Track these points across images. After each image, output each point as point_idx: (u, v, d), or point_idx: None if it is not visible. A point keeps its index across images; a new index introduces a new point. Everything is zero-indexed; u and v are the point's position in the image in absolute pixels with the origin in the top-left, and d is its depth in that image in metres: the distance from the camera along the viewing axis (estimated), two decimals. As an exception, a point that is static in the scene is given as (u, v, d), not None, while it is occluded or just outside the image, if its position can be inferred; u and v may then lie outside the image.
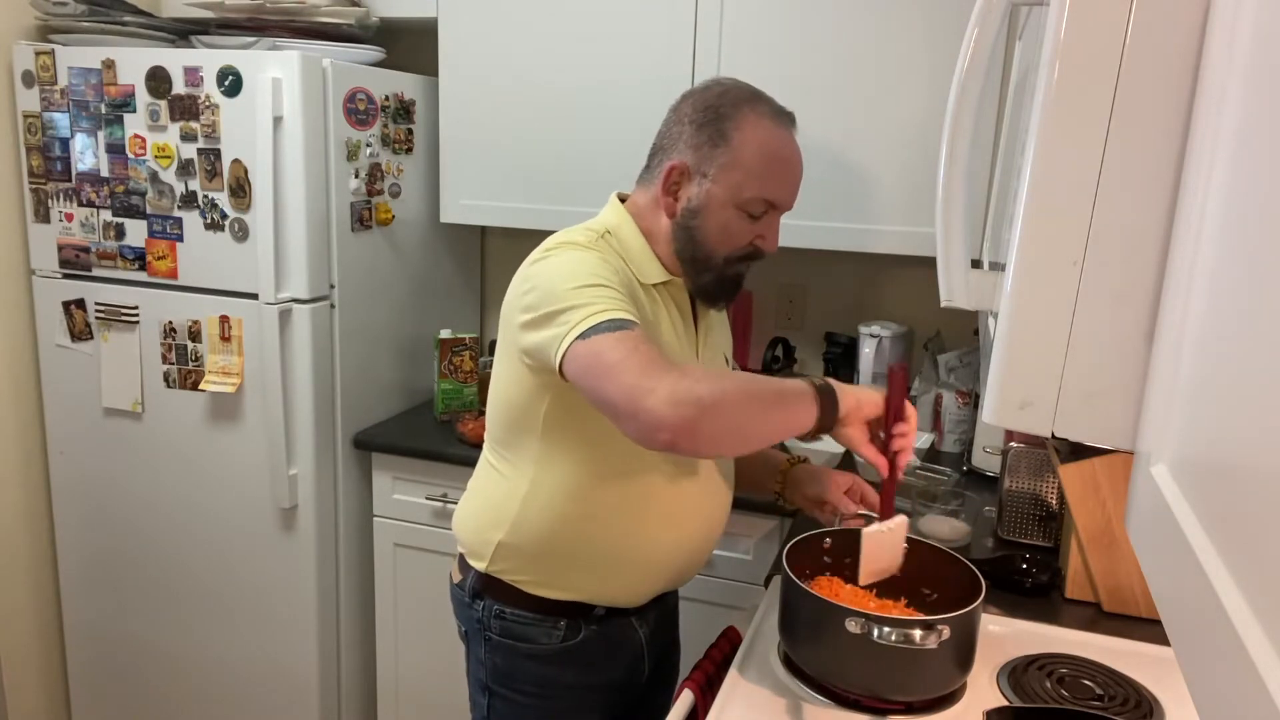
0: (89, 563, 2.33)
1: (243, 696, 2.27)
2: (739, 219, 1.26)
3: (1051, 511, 1.62)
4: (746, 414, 1.09)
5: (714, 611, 1.88)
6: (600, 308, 1.12)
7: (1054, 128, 0.60)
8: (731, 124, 1.24)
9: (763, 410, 1.11)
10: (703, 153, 1.25)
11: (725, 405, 1.07)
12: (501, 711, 1.40)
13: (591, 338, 1.10)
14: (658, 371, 1.06)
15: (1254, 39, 0.44)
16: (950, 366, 2.14)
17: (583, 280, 1.16)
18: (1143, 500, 0.53)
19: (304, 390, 2.04)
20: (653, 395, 1.05)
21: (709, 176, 1.25)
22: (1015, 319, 0.63)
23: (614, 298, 1.15)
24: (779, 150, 1.26)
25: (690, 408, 1.04)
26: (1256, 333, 0.39)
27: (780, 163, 1.26)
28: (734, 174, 1.24)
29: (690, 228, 1.27)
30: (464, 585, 1.40)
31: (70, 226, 2.15)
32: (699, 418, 1.05)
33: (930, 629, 1.08)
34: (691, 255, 1.28)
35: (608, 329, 1.10)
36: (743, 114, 1.25)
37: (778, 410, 1.13)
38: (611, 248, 1.27)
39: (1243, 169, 0.44)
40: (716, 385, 1.07)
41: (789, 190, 1.28)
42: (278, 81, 1.90)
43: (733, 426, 1.09)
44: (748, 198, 1.24)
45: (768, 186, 1.25)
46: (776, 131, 1.26)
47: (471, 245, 2.58)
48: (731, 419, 1.08)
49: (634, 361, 1.07)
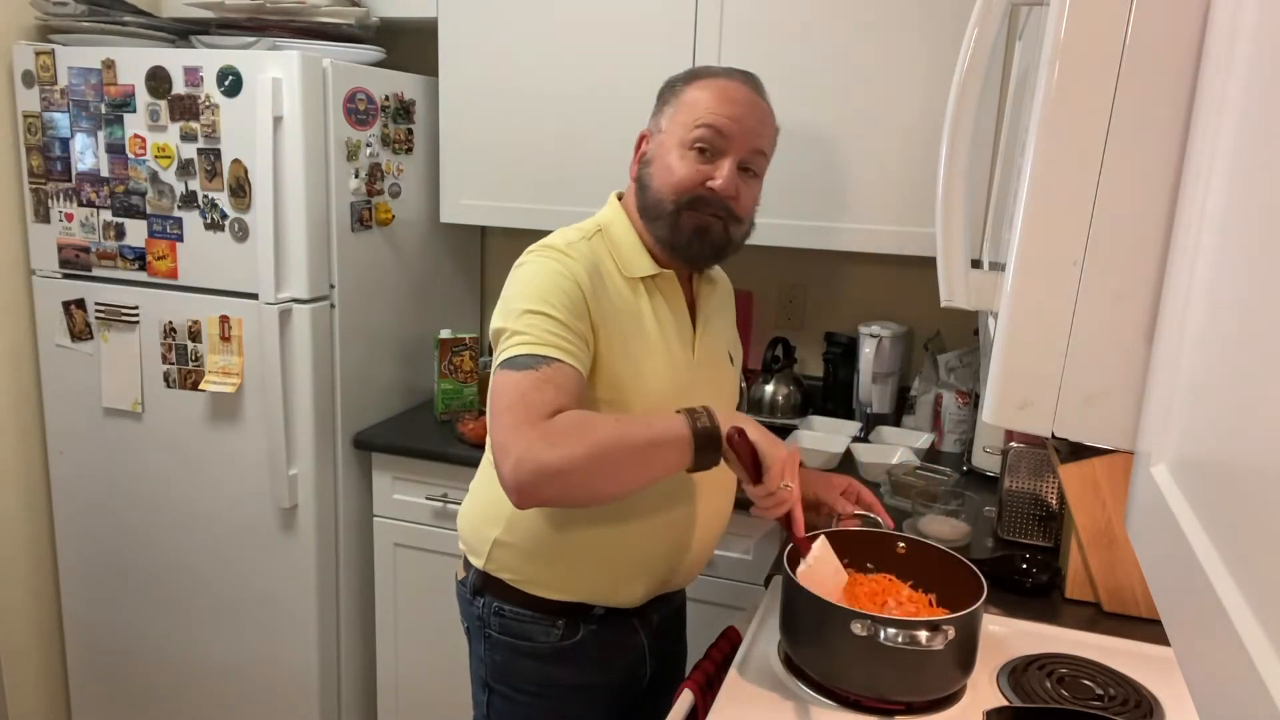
0: (89, 562, 2.33)
1: (243, 696, 2.27)
2: (685, 156, 1.28)
3: (1051, 511, 1.62)
4: (601, 475, 1.13)
5: (714, 611, 1.88)
6: (524, 339, 1.17)
7: (1054, 128, 0.60)
8: (682, 83, 1.33)
9: (622, 467, 1.14)
10: (660, 114, 1.34)
11: (571, 471, 1.11)
12: (500, 709, 1.41)
13: (501, 371, 1.17)
14: (524, 430, 1.11)
15: (1254, 39, 0.44)
16: (950, 366, 2.14)
17: (528, 303, 1.20)
18: (1143, 500, 0.53)
19: (304, 390, 2.04)
20: (506, 458, 1.11)
21: (662, 130, 1.32)
22: (1015, 319, 0.63)
23: (545, 327, 1.18)
24: (724, 89, 1.29)
25: (532, 475, 1.10)
26: (1256, 332, 0.39)
27: (724, 98, 1.28)
28: (680, 116, 1.30)
29: (642, 178, 1.32)
30: (466, 582, 1.40)
31: (70, 226, 2.15)
32: (540, 485, 1.11)
33: (936, 630, 1.08)
34: (644, 205, 1.31)
35: (519, 365, 1.15)
36: (695, 76, 1.33)
37: (640, 466, 1.15)
38: (599, 246, 1.30)
39: (1243, 169, 0.44)
40: (569, 450, 1.10)
41: (734, 120, 1.27)
42: (278, 81, 1.90)
43: (581, 490, 1.15)
44: (693, 133, 1.27)
45: (711, 115, 1.27)
46: (725, 79, 1.31)
47: (471, 245, 2.58)
48: (579, 484, 1.13)
49: (510, 415, 1.12)
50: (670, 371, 1.30)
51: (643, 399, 1.28)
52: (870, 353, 2.13)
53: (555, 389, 1.14)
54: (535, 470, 1.10)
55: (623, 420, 1.17)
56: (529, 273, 1.25)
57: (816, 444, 2.05)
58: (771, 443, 1.18)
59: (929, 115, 1.88)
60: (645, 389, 1.28)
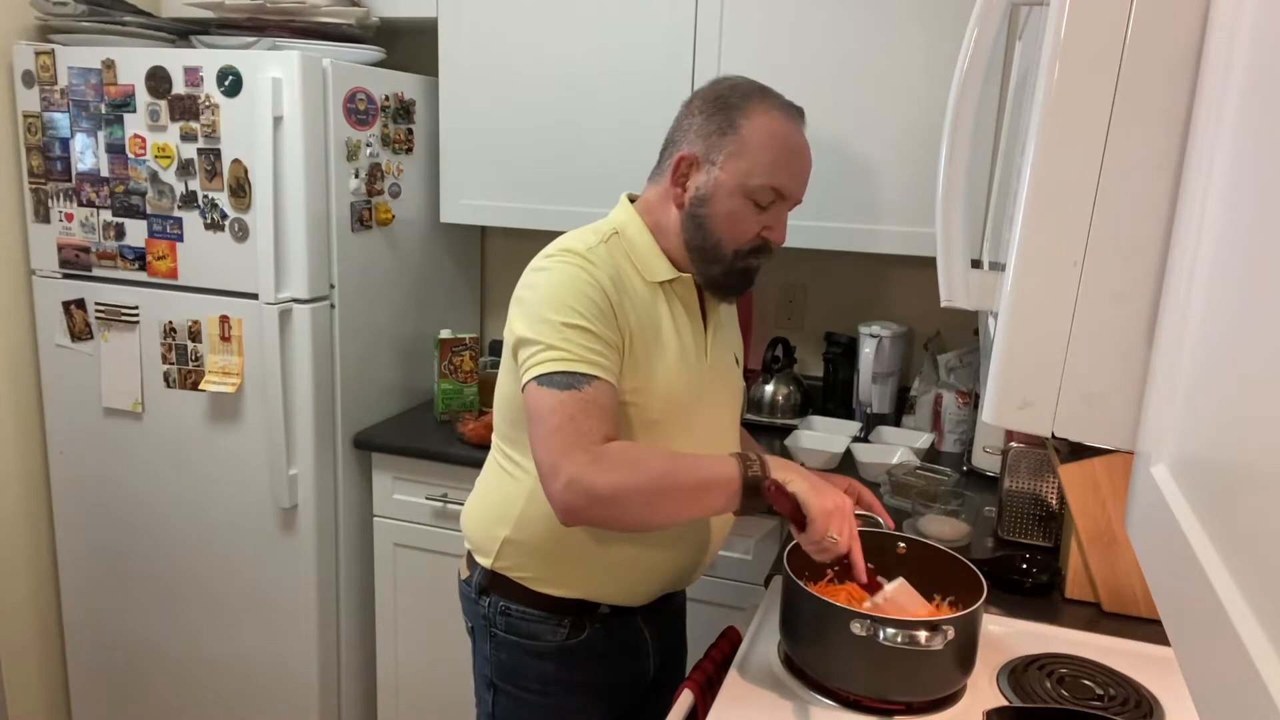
0: (89, 562, 2.33)
1: (243, 696, 2.27)
2: (746, 208, 1.26)
3: (1051, 511, 1.62)
4: (647, 508, 1.16)
5: (714, 611, 1.88)
6: (561, 354, 1.17)
7: (1054, 128, 0.60)
8: (740, 113, 1.26)
9: (670, 503, 1.17)
10: (711, 141, 1.27)
11: (621, 500, 1.13)
12: (506, 708, 1.41)
13: (544, 388, 1.16)
14: (574, 453, 1.13)
15: (1254, 39, 0.44)
16: (950, 366, 2.14)
17: (560, 314, 1.19)
18: (1143, 500, 0.53)
19: (304, 390, 2.04)
20: (557, 478, 1.13)
21: (717, 164, 1.26)
22: (1015, 319, 0.63)
23: (581, 343, 1.17)
24: (787, 139, 1.27)
25: (582, 498, 1.12)
26: (1256, 333, 0.39)
27: (788, 152, 1.27)
28: (742, 161, 1.25)
29: (698, 216, 1.28)
30: (471, 581, 1.40)
31: (70, 226, 2.15)
32: (588, 509, 1.13)
33: (935, 630, 1.08)
34: (700, 245, 1.29)
35: (559, 384, 1.16)
36: (752, 104, 1.26)
37: (687, 503, 1.18)
38: (616, 250, 1.28)
39: (1243, 169, 0.44)
40: (621, 478, 1.12)
41: (797, 180, 1.29)
42: (278, 81, 1.90)
43: (628, 517, 1.17)
44: (755, 185, 1.25)
45: (776, 175, 1.26)
46: (785, 122, 1.27)
47: (471, 245, 2.58)
48: (626, 512, 1.16)
49: (559, 437, 1.14)
50: (685, 375, 1.31)
51: (660, 401, 1.28)
52: (870, 353, 2.13)
53: (599, 412, 1.16)
54: (587, 495, 1.12)
55: (675, 458, 1.18)
56: (554, 280, 1.22)
57: (816, 444, 2.05)
58: (820, 494, 1.16)
59: (929, 115, 1.88)
60: (663, 393, 1.28)
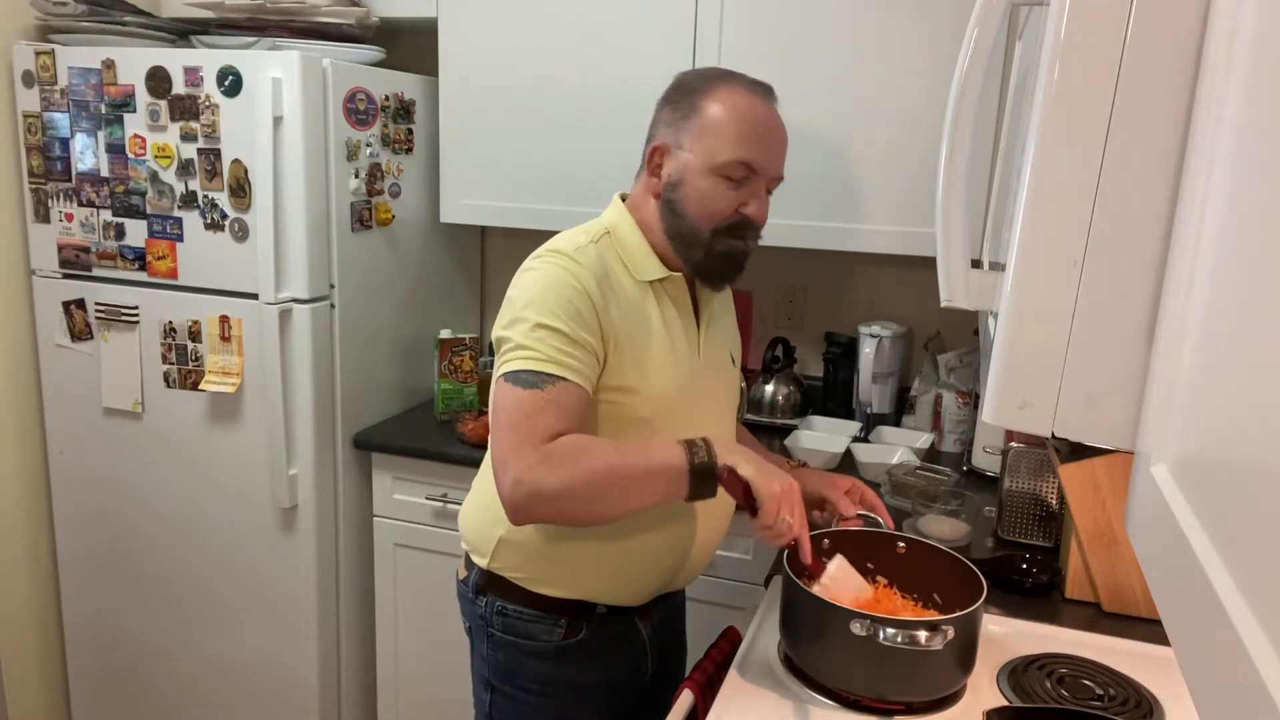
0: (89, 562, 2.33)
1: (243, 696, 2.27)
2: (717, 186, 1.26)
3: (1051, 511, 1.62)
4: (596, 501, 1.17)
5: (714, 611, 1.88)
6: (529, 354, 1.18)
7: (1054, 128, 0.60)
8: (701, 95, 1.27)
9: (618, 494, 1.17)
10: (679, 127, 1.28)
11: (568, 496, 1.15)
12: (503, 708, 1.41)
13: (508, 385, 1.18)
14: (525, 450, 1.14)
15: (1254, 39, 0.44)
16: (950, 366, 2.14)
17: (536, 314, 1.19)
18: (1143, 500, 0.53)
19: (304, 390, 2.04)
20: (506, 474, 1.15)
21: (685, 148, 1.27)
22: (1015, 319, 0.63)
23: (552, 344, 1.18)
24: (751, 113, 1.26)
25: (528, 497, 1.14)
26: (1256, 333, 0.39)
27: (753, 125, 1.26)
28: (707, 139, 1.26)
29: (672, 201, 1.29)
30: (468, 581, 1.40)
31: (70, 226, 2.15)
32: (535, 507, 1.15)
33: (935, 630, 1.08)
34: (678, 231, 1.29)
35: (523, 382, 1.17)
36: (713, 85, 1.28)
37: (634, 495, 1.18)
38: (607, 250, 1.29)
39: (1243, 169, 0.44)
40: (567, 475, 1.13)
41: (766, 152, 1.27)
42: (278, 81, 1.90)
43: (577, 512, 1.19)
44: (723, 161, 1.25)
45: (742, 148, 1.25)
46: (749, 97, 1.27)
47: (471, 245, 2.58)
48: (575, 507, 1.17)
49: (513, 434, 1.15)
50: (676, 373, 1.30)
51: (650, 401, 1.28)
52: (870, 353, 2.13)
53: (558, 411, 1.16)
54: (532, 492, 1.13)
55: (622, 448, 1.17)
56: (538, 280, 1.23)
57: (816, 444, 2.05)
58: (767, 477, 1.16)
59: (929, 115, 1.88)
60: (652, 391, 1.28)
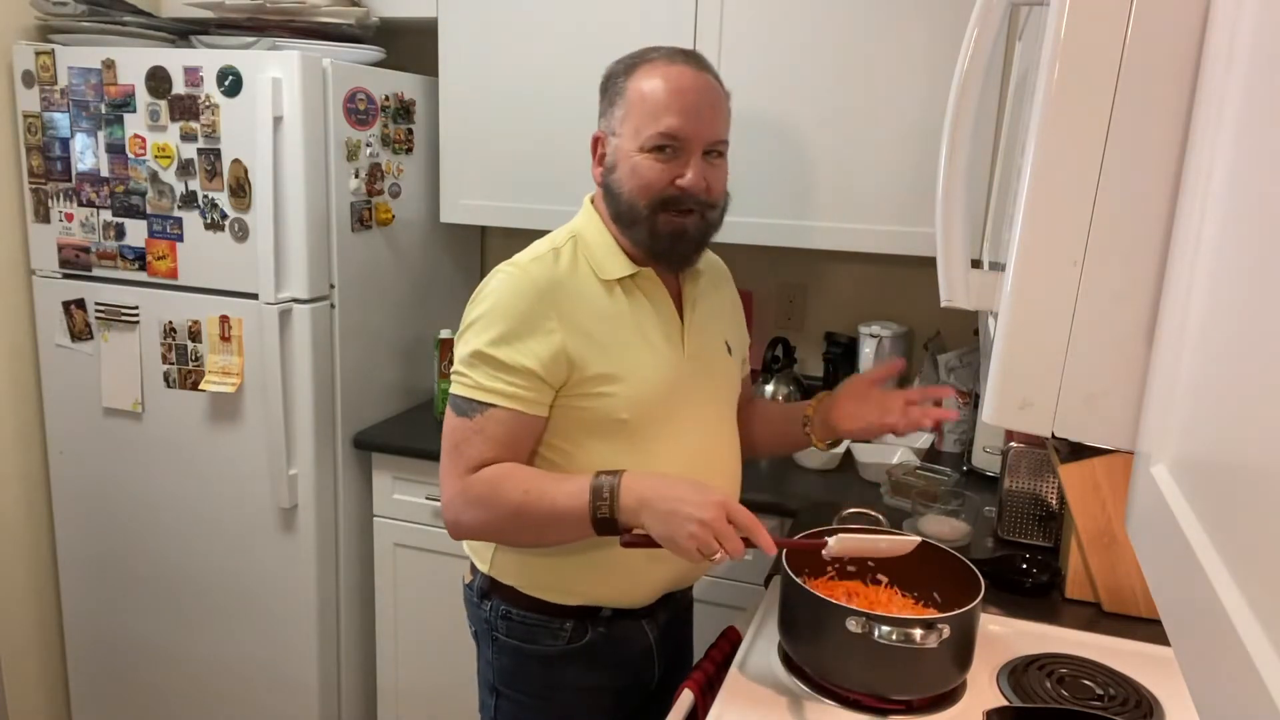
0: (89, 562, 2.33)
1: (243, 696, 2.27)
2: (646, 161, 1.26)
3: (1051, 511, 1.62)
4: (510, 536, 1.30)
5: (714, 611, 1.88)
6: (466, 381, 1.26)
7: (1054, 128, 0.60)
8: (622, 78, 1.29)
9: (528, 534, 1.27)
10: (608, 115, 1.31)
11: (482, 531, 1.29)
12: (508, 712, 1.40)
13: (448, 407, 1.29)
14: (452, 480, 1.26)
15: (1254, 39, 0.44)
16: (950, 366, 2.14)
17: (476, 339, 1.26)
18: (1143, 500, 0.53)
19: (304, 390, 2.04)
20: (441, 496, 1.29)
21: (615, 133, 1.29)
22: (1015, 319, 0.63)
23: (488, 371, 1.24)
24: (668, 82, 1.25)
25: (452, 526, 1.28)
26: (1256, 333, 0.39)
27: (670, 93, 1.25)
28: (632, 119, 1.27)
29: (609, 184, 1.30)
30: (473, 586, 1.40)
31: (70, 226, 2.15)
32: (459, 534, 1.30)
33: (930, 628, 1.08)
34: (619, 212, 1.30)
35: (458, 408, 1.27)
36: (633, 67, 1.29)
37: (544, 533, 1.26)
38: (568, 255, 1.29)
39: (1243, 168, 0.44)
40: (479, 515, 1.25)
41: (690, 118, 1.24)
42: (278, 81, 1.90)
43: (500, 541, 1.33)
44: (646, 137, 1.25)
45: (660, 120, 1.24)
46: (667, 67, 1.27)
47: (471, 245, 2.58)
48: (495, 538, 1.33)
49: (448, 459, 1.27)
50: (656, 371, 1.29)
51: (626, 402, 1.27)
52: (870, 353, 2.13)
53: (483, 440, 1.24)
54: (453, 523, 1.27)
55: (533, 489, 1.21)
56: (486, 298, 1.28)
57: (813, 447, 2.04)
58: (674, 523, 1.11)
59: (929, 115, 1.87)
60: (632, 391, 1.27)
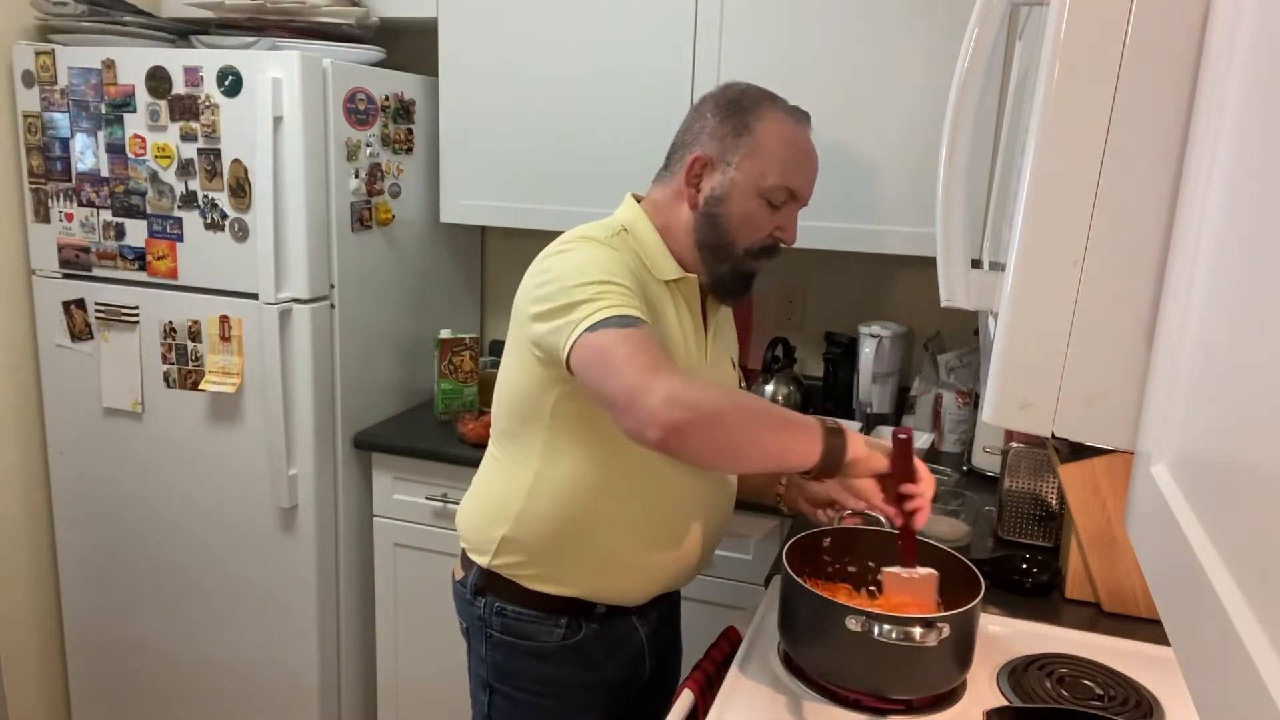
0: (89, 563, 2.33)
1: (243, 696, 2.27)
2: (760, 207, 1.30)
3: (1051, 511, 1.62)
4: (744, 431, 1.10)
5: (714, 611, 1.88)
6: (610, 303, 1.14)
7: (1054, 128, 0.60)
8: (754, 116, 1.30)
9: (763, 431, 1.12)
10: (726, 143, 1.30)
11: (722, 418, 1.08)
12: (502, 709, 1.41)
13: (599, 331, 1.12)
14: (660, 372, 1.08)
15: (1254, 39, 0.44)
16: (950, 366, 2.14)
17: (596, 276, 1.17)
18: (1143, 500, 0.53)
19: (304, 390, 2.04)
20: (650, 394, 1.06)
21: (733, 165, 1.29)
22: (1015, 319, 0.63)
23: (625, 294, 1.17)
24: (797, 141, 1.31)
25: (685, 411, 1.05)
26: (1256, 333, 0.39)
27: (799, 153, 1.31)
28: (757, 162, 1.28)
29: (714, 215, 1.30)
30: (466, 582, 1.40)
31: (70, 226, 2.15)
32: (691, 423, 1.06)
33: (930, 627, 1.08)
34: (714, 243, 1.31)
35: (616, 324, 1.12)
36: (764, 108, 1.31)
37: (778, 436, 1.13)
38: (627, 244, 1.30)
39: (1243, 169, 0.44)
40: (719, 397, 1.10)
41: (807, 181, 1.33)
42: (278, 81, 1.90)
43: (726, 439, 1.10)
44: (770, 185, 1.28)
45: (789, 175, 1.29)
46: (795, 126, 1.32)
47: (471, 245, 2.58)
48: (726, 432, 1.09)
49: (637, 360, 1.09)
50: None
51: None
52: (870, 353, 2.13)
53: (661, 348, 1.13)
54: (691, 408, 1.06)
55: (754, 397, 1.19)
56: (581, 255, 1.22)
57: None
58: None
59: (929, 115, 1.88)
60: None
